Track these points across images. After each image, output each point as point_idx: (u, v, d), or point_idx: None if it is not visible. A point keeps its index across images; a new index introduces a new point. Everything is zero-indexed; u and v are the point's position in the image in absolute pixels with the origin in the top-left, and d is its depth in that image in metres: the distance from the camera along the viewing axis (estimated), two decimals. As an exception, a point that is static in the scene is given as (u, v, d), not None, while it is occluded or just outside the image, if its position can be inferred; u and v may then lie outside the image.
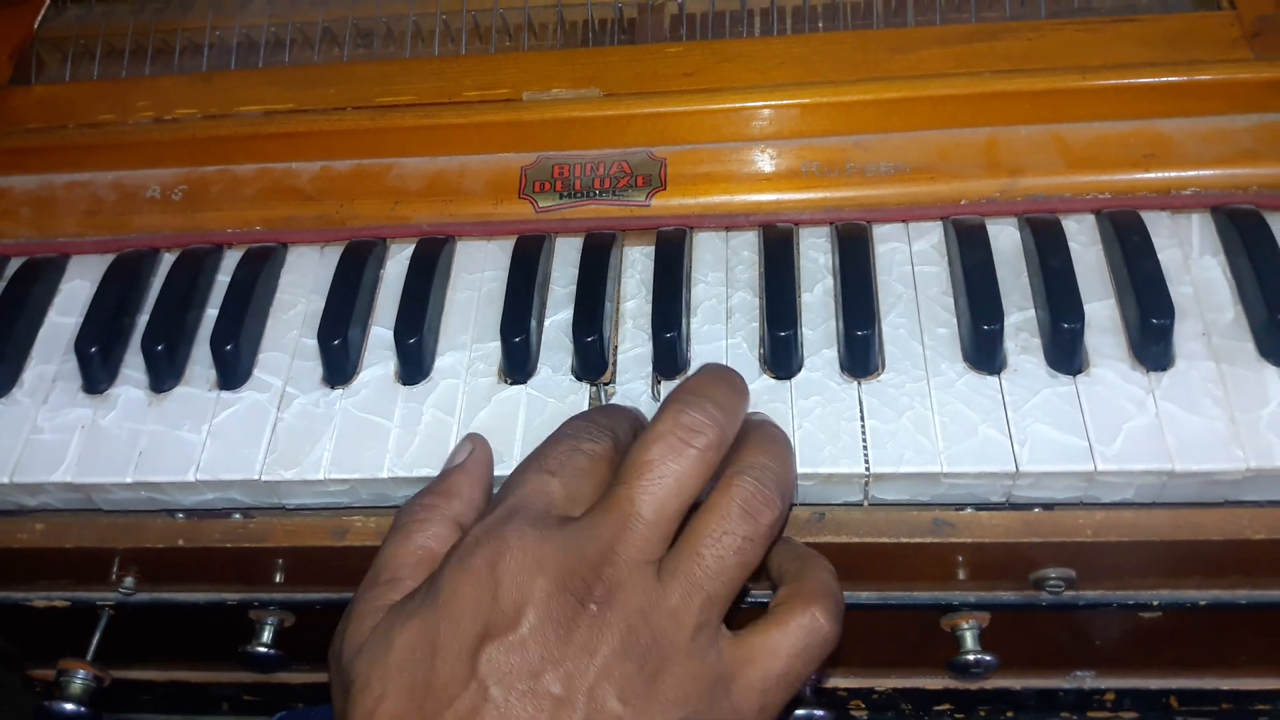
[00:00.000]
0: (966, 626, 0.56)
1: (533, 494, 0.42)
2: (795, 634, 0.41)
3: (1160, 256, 0.52)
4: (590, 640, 0.38)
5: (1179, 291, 0.51)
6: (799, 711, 0.56)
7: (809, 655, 0.42)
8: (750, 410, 0.48)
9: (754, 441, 0.44)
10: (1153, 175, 0.54)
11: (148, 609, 0.60)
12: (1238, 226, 0.52)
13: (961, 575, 0.53)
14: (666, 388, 0.51)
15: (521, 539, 0.40)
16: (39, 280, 0.59)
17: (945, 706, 0.67)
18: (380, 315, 0.56)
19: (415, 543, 0.44)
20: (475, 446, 0.48)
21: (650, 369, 0.53)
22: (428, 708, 0.38)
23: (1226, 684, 0.63)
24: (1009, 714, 0.67)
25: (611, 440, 0.45)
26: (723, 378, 0.45)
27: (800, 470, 0.48)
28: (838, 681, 0.66)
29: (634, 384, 0.52)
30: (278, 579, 0.56)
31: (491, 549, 0.40)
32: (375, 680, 0.39)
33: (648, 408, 0.51)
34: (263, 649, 0.59)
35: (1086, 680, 0.64)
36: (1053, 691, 0.65)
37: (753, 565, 0.42)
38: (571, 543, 0.40)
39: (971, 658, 0.55)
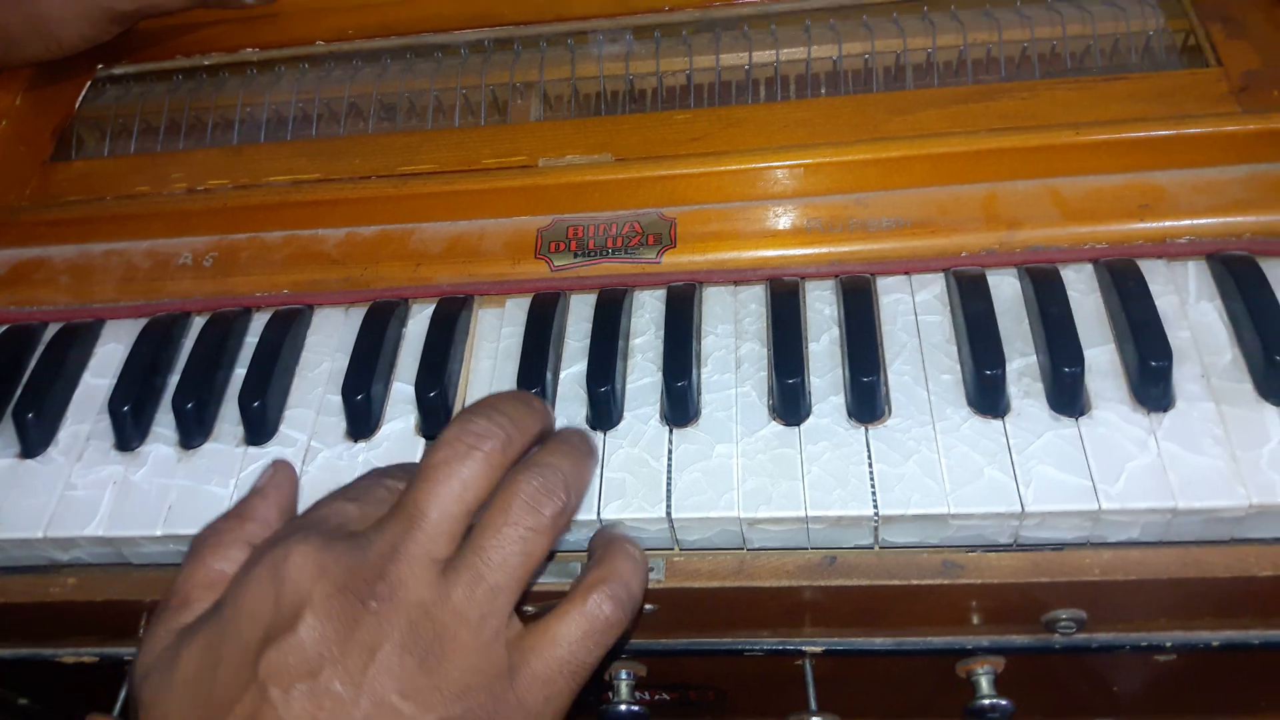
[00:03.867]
0: (982, 671, 0.56)
1: (327, 514, 0.44)
2: (575, 621, 0.43)
3: (1158, 302, 0.53)
4: (371, 638, 0.39)
5: (1177, 336, 0.52)
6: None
7: (591, 642, 0.43)
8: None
9: (547, 446, 0.46)
10: (1148, 225, 0.56)
11: (174, 664, 0.61)
12: (1233, 272, 0.54)
13: (974, 619, 0.54)
14: (679, 434, 0.53)
15: (304, 545, 0.41)
16: (75, 344, 0.62)
17: (966, 758, 0.66)
18: (402, 371, 0.58)
19: (208, 565, 0.45)
20: (276, 471, 0.50)
21: (658, 395, 0.54)
22: (209, 716, 0.38)
23: (1248, 732, 0.63)
24: (1030, 766, 0.67)
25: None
26: (515, 395, 0.47)
27: (810, 513, 0.49)
28: (857, 734, 0.66)
29: (642, 409, 0.54)
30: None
31: (274, 558, 0.41)
32: (161, 700, 0.40)
33: (656, 432, 0.53)
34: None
35: (1107, 730, 0.64)
36: (1073, 742, 0.65)
37: (537, 556, 0.43)
38: (356, 547, 0.41)
39: (987, 702, 0.55)
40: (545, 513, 0.43)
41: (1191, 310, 0.54)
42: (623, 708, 0.58)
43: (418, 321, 0.60)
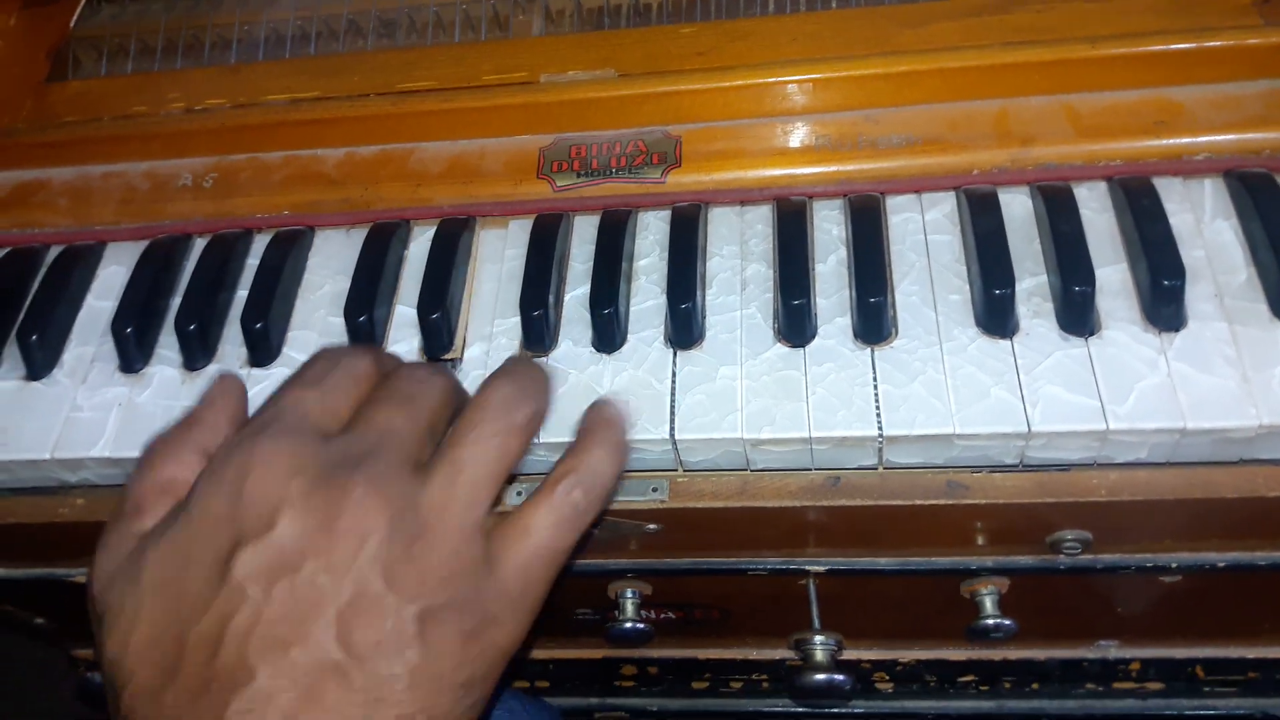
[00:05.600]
0: (985, 592, 0.57)
1: (288, 406, 0.43)
2: (546, 509, 0.43)
3: (1172, 221, 0.52)
4: (357, 526, 0.38)
5: (1191, 255, 0.51)
6: (819, 677, 0.57)
7: (563, 528, 0.43)
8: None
9: (510, 361, 0.47)
10: (1164, 142, 0.55)
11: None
12: (1250, 190, 0.53)
13: (979, 540, 0.54)
14: (683, 356, 0.52)
15: (275, 444, 0.40)
16: (77, 267, 0.61)
17: (970, 678, 0.67)
18: (404, 294, 0.58)
19: (158, 471, 0.44)
20: (223, 380, 0.49)
21: (662, 318, 0.54)
22: (183, 619, 0.38)
23: (1252, 652, 0.64)
24: (1034, 685, 0.68)
25: (372, 358, 0.46)
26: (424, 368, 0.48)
27: (814, 434, 0.49)
28: (861, 653, 0.66)
29: (646, 331, 0.54)
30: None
31: (242, 458, 0.40)
32: (129, 606, 0.39)
33: (660, 354, 0.53)
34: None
35: (1110, 650, 0.64)
36: (1077, 662, 0.65)
37: (513, 455, 0.43)
38: (331, 445, 0.41)
39: (991, 622, 0.56)
40: (519, 414, 0.44)
41: (1206, 229, 0.53)
42: (628, 625, 0.59)
43: (419, 243, 0.59)
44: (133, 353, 0.57)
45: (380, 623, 0.38)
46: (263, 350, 0.56)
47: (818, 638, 0.59)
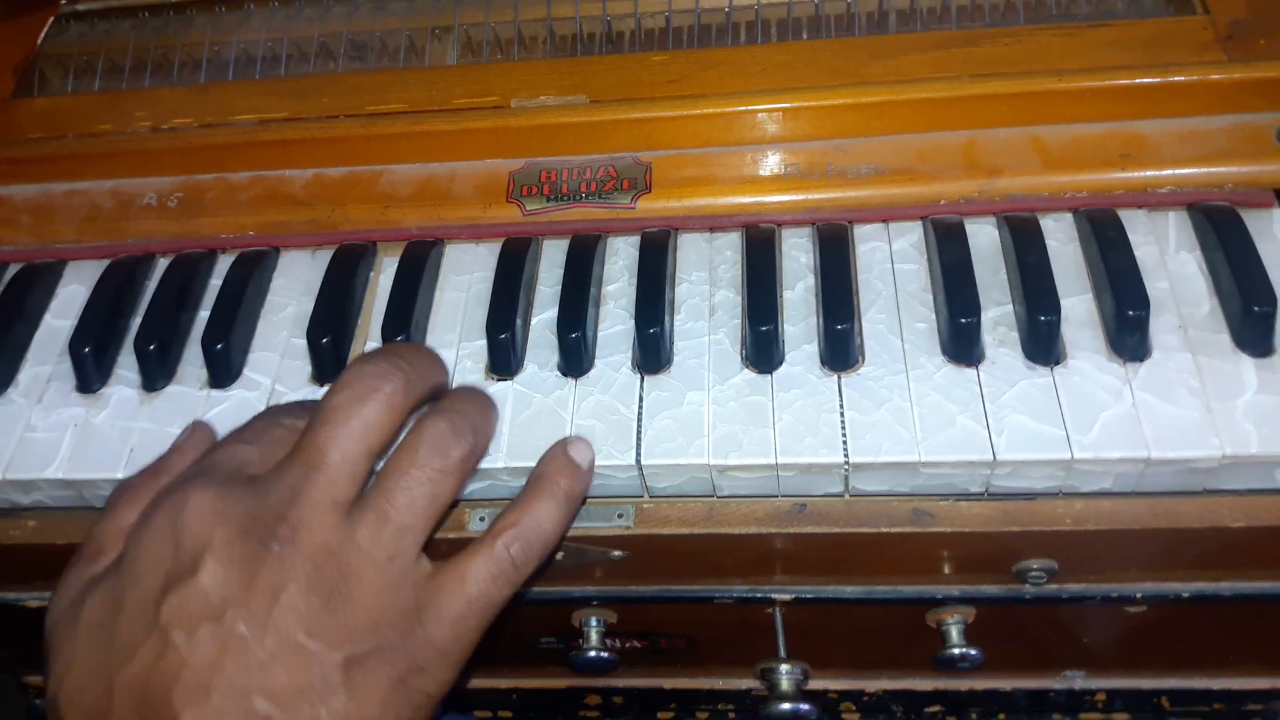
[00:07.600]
0: (952, 621, 0.56)
1: (224, 457, 0.43)
2: (482, 561, 0.43)
3: (1137, 253, 0.52)
4: (275, 579, 0.39)
5: (1156, 286, 0.52)
6: (785, 707, 0.56)
7: (499, 582, 0.43)
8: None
9: (451, 394, 0.47)
10: (1129, 174, 0.55)
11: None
12: (1213, 223, 0.53)
13: (945, 568, 0.53)
14: (651, 381, 0.52)
15: (202, 493, 0.40)
16: (36, 284, 0.60)
17: (936, 708, 0.67)
18: (369, 315, 0.57)
19: (120, 517, 0.44)
20: (194, 429, 0.50)
21: (630, 343, 0.54)
22: (112, 664, 0.38)
23: (1218, 684, 0.63)
24: (1000, 716, 0.67)
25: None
26: (414, 345, 0.48)
27: (781, 461, 0.49)
28: (827, 683, 0.66)
29: (614, 356, 0.53)
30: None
31: (172, 505, 0.40)
32: (66, 648, 0.40)
33: (627, 379, 0.52)
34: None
35: (1077, 681, 0.64)
36: (1044, 692, 0.65)
37: (444, 497, 0.43)
38: (256, 492, 0.41)
39: (957, 652, 0.55)
40: (453, 455, 0.43)
41: (1171, 261, 0.53)
42: (592, 654, 0.58)
43: (385, 265, 0.59)
44: (90, 372, 0.56)
45: (304, 671, 0.38)
46: (223, 371, 0.55)
47: (783, 667, 0.59)
